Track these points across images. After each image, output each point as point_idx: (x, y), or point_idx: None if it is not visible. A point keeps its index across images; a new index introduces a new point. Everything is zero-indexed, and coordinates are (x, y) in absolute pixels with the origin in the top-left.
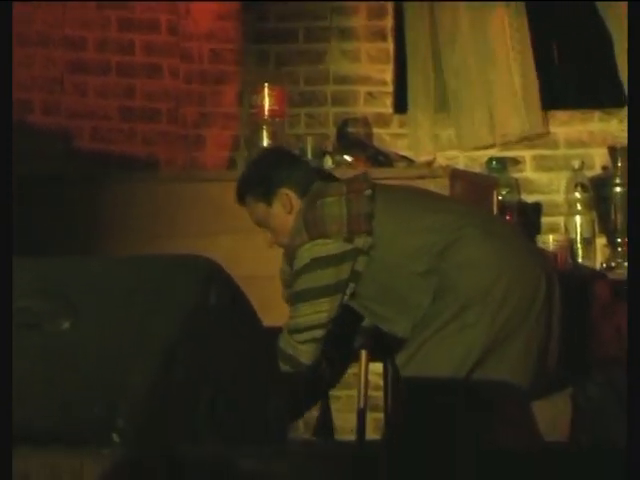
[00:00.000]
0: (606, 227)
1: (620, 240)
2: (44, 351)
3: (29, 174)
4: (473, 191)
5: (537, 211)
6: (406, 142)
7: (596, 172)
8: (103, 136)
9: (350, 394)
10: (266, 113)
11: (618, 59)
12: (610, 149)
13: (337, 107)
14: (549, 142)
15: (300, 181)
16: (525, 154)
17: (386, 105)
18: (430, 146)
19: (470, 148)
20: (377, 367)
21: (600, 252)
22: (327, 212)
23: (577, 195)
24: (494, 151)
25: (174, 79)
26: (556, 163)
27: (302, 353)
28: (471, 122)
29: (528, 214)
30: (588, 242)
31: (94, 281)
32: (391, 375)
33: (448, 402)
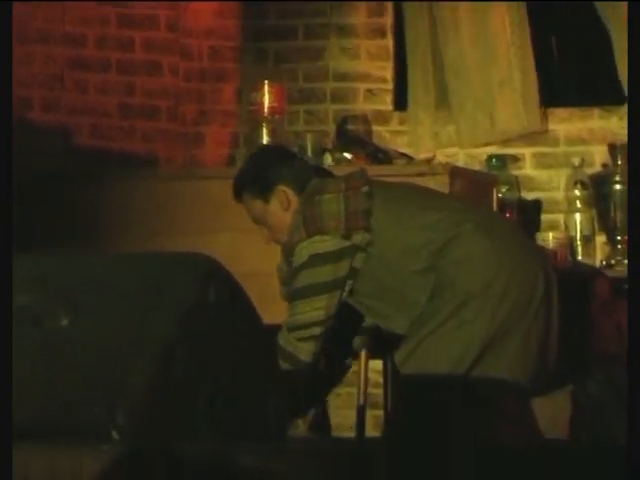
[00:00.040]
0: (606, 224)
1: (620, 238)
2: (44, 348)
3: (29, 171)
4: (473, 188)
5: (537, 208)
6: (406, 139)
7: (596, 169)
8: (103, 133)
9: (350, 391)
10: (265, 110)
11: (617, 57)
12: (610, 147)
13: (337, 104)
14: (549, 139)
15: (297, 178)
16: (525, 151)
17: (386, 102)
18: (430, 143)
19: (470, 145)
20: (377, 365)
21: (600, 249)
22: (325, 209)
23: (577, 192)
24: (494, 148)
25: (174, 76)
26: (556, 160)
27: (301, 351)
28: (471, 119)
29: (528, 211)
30: (588, 239)
31: (93, 278)
32: (391, 372)
33: (447, 399)
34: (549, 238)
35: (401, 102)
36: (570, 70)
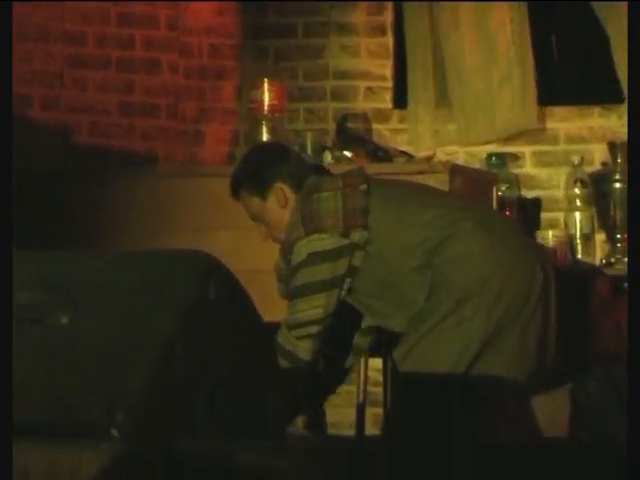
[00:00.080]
0: (605, 223)
1: (620, 236)
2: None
3: (28, 169)
4: (473, 187)
5: (537, 207)
6: (406, 137)
7: (596, 168)
8: (102, 131)
9: (349, 389)
10: (265, 108)
11: (615, 57)
12: (610, 145)
13: (336, 102)
14: (549, 138)
15: (294, 175)
16: (525, 150)
17: (386, 100)
18: (430, 141)
19: (469, 143)
20: (376, 363)
21: (600, 248)
22: (323, 207)
23: (577, 191)
24: (494, 147)
25: (173, 74)
26: (556, 159)
27: (301, 349)
28: (470, 117)
29: (528, 210)
30: (588, 238)
31: (93, 276)
32: (390, 370)
33: (446, 397)
34: (549, 236)
35: (401, 100)
36: (570, 69)
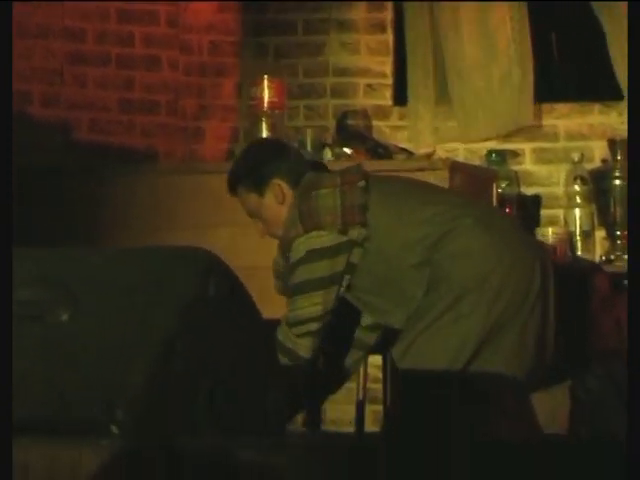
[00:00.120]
0: (605, 220)
1: (619, 233)
2: (43, 342)
3: (28, 166)
4: (472, 184)
5: (536, 204)
6: (405, 134)
7: (595, 165)
8: (102, 128)
9: (349, 386)
10: (265, 105)
11: (612, 52)
12: (610, 142)
13: (336, 99)
14: (549, 135)
15: (291, 171)
16: (525, 147)
17: (386, 97)
18: (430, 138)
19: (469, 140)
20: (376, 360)
21: (599, 245)
22: (321, 204)
23: (576, 188)
24: (494, 144)
25: (173, 71)
26: (556, 156)
27: (301, 347)
28: (470, 114)
29: (527, 207)
30: (587, 235)
31: (93, 272)
32: (390, 367)
33: (443, 394)
34: (549, 233)
35: (401, 97)
36: (570, 67)
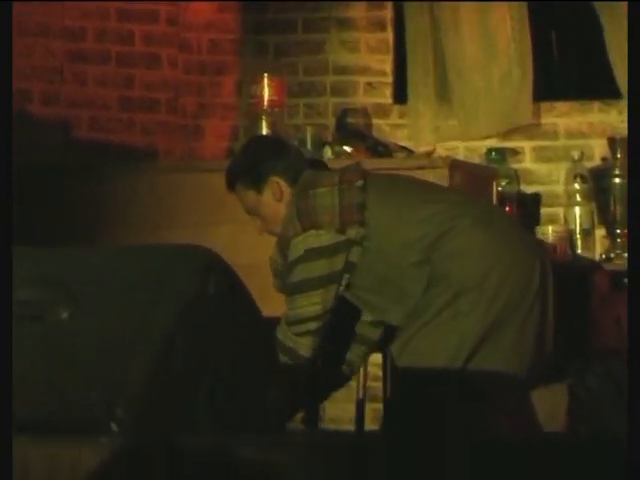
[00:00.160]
0: (605, 218)
1: (619, 231)
2: (44, 341)
3: (28, 164)
4: (472, 182)
5: (536, 202)
6: (406, 132)
7: (595, 163)
8: (102, 126)
9: (349, 384)
10: (265, 103)
11: (611, 56)
12: (609, 140)
13: (336, 97)
14: (549, 133)
15: (290, 169)
16: (524, 145)
17: (385, 95)
18: (430, 137)
19: (469, 139)
20: (376, 358)
21: (599, 243)
22: (319, 202)
23: (576, 186)
24: (494, 142)
25: (173, 69)
26: (555, 154)
27: (301, 346)
28: (470, 113)
29: (527, 205)
30: (587, 233)
31: (93, 271)
32: (390, 365)
33: (441, 392)
34: (549, 232)
35: (401, 95)
36: (570, 66)
